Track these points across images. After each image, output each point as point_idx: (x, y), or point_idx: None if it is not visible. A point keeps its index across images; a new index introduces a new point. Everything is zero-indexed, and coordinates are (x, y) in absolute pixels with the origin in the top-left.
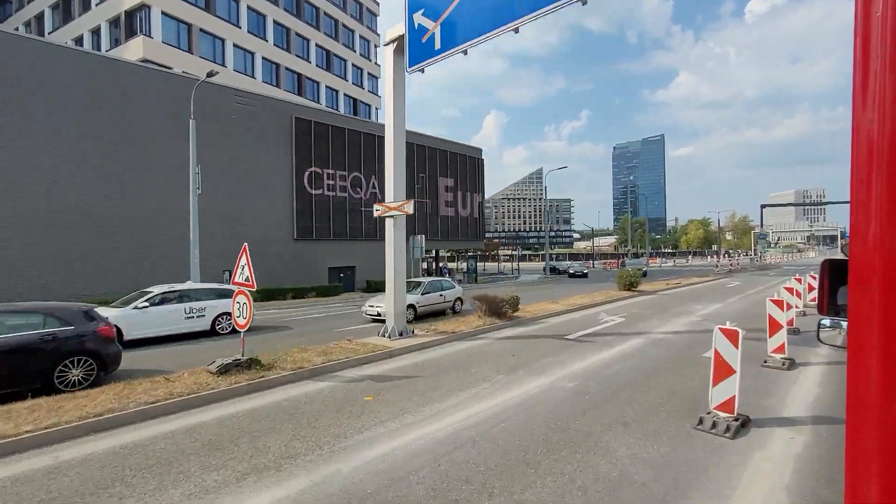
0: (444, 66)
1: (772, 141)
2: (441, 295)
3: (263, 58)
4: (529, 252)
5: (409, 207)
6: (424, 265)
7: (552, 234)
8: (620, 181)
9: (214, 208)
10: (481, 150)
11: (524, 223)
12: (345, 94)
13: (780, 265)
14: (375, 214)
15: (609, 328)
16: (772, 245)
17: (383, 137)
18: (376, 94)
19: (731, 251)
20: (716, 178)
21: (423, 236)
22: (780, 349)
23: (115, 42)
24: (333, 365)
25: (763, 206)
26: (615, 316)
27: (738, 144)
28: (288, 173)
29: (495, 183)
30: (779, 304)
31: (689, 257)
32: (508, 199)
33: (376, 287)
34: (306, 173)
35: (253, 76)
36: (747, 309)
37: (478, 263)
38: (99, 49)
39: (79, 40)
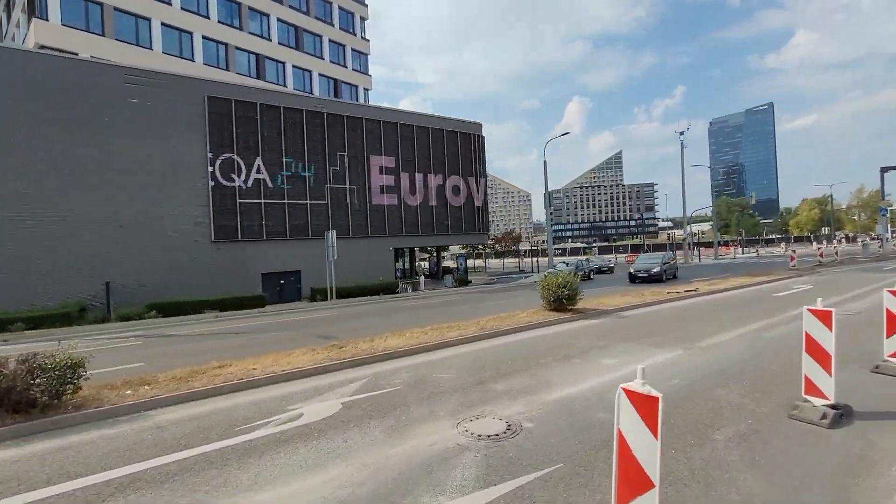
0: (521, 55)
1: None
2: None
3: (205, 37)
4: (607, 244)
5: None
6: (425, 264)
7: (632, 222)
8: (720, 160)
9: (98, 209)
10: (480, 126)
11: (600, 212)
12: (321, 75)
13: None
14: None
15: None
16: None
17: (340, 116)
18: (365, 73)
19: (850, 235)
20: (848, 151)
21: (335, 232)
22: None
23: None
24: None
25: (885, 170)
26: (332, 400)
27: (877, 109)
28: (201, 164)
29: (575, 174)
30: None
31: (785, 245)
32: (582, 188)
33: (324, 296)
34: (227, 162)
35: (192, 59)
36: (721, 371)
37: (497, 260)
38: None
39: (12, 37)
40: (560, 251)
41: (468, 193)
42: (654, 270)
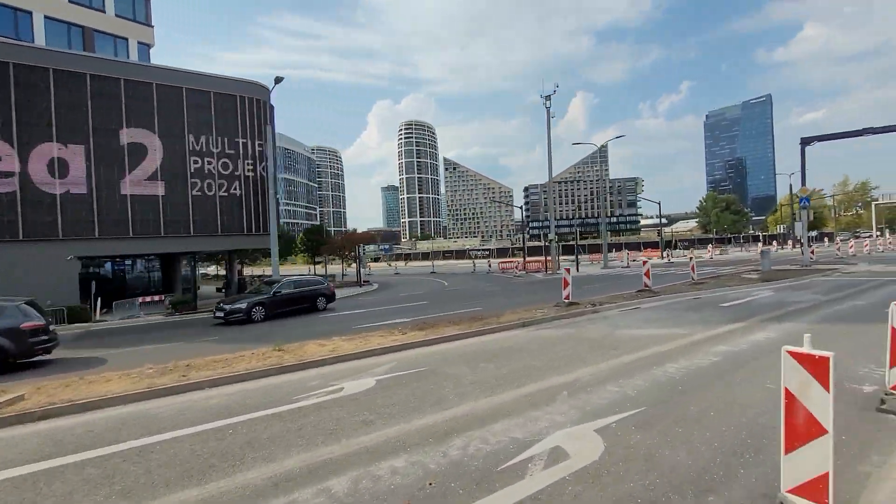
0: (526, 50)
1: None
2: None
3: None
4: (579, 242)
5: None
6: (215, 269)
7: (613, 219)
8: (716, 154)
9: None
10: (267, 90)
11: (580, 208)
12: (50, 18)
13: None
14: None
15: None
16: None
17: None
18: (143, 24)
19: (818, 234)
20: (861, 147)
21: None
22: None
23: None
24: None
25: (806, 141)
26: None
27: (890, 102)
28: None
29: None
30: None
31: (705, 247)
32: (561, 183)
33: None
34: None
35: None
36: None
37: (340, 266)
38: None
39: None
40: (482, 253)
41: (236, 180)
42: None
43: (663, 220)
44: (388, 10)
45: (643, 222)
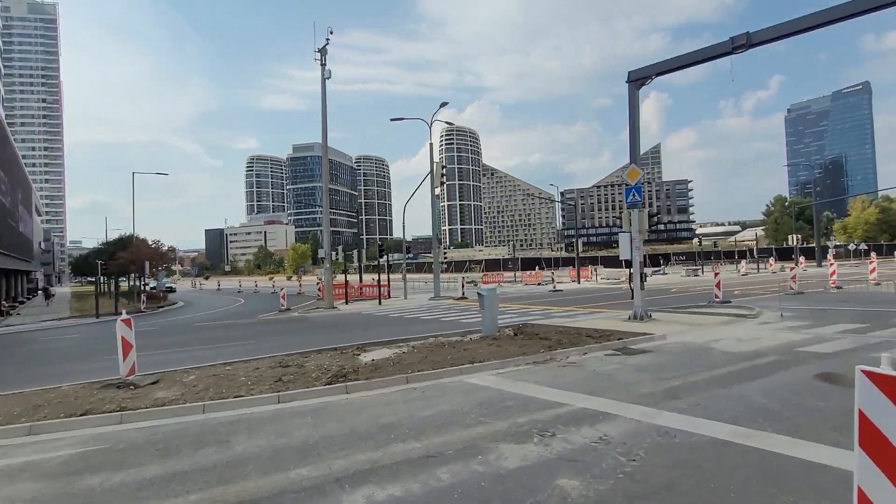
0: (592, 52)
1: None
2: None
3: None
4: (605, 253)
5: None
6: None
7: (660, 227)
8: (799, 152)
9: None
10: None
11: (619, 216)
12: None
13: None
14: None
15: None
16: None
17: None
18: None
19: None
20: None
21: None
22: None
23: None
24: None
25: (637, 79)
26: None
27: None
28: None
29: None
30: None
31: (711, 263)
32: (600, 188)
33: None
34: None
35: None
36: None
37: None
38: None
39: None
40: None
41: None
42: None
43: (736, 228)
44: (450, 20)
45: (703, 230)
